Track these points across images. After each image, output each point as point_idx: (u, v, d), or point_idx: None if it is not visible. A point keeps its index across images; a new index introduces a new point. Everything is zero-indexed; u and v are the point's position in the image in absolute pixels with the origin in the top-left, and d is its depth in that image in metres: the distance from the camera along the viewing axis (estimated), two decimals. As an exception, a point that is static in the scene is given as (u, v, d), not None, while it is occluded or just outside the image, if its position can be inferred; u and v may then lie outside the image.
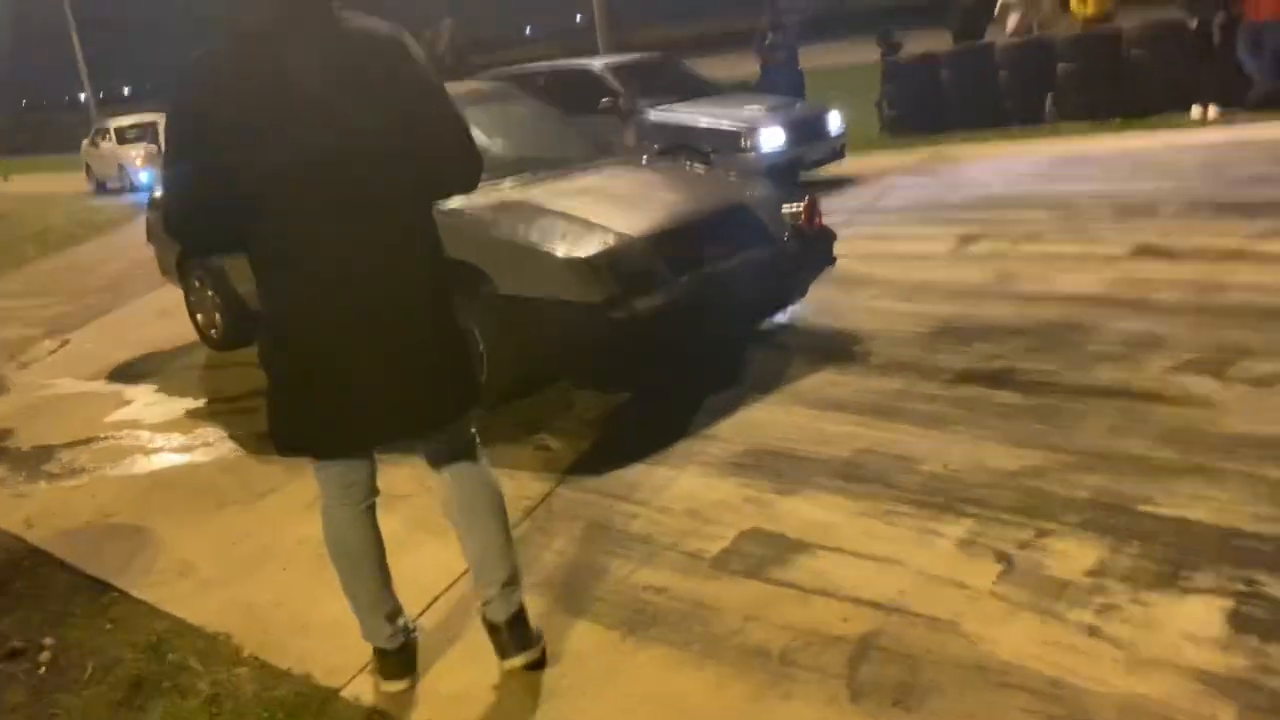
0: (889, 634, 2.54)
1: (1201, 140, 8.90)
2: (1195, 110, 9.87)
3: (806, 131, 9.42)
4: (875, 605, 2.66)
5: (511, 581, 2.52)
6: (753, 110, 9.40)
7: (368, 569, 2.53)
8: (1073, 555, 2.77)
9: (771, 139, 8.94)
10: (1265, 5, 9.33)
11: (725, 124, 9.02)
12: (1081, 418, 3.64)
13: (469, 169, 2.34)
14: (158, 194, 7.15)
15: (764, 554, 2.99)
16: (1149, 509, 2.96)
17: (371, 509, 2.52)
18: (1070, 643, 2.42)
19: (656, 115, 9.30)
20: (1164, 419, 3.55)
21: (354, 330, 2.24)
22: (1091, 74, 10.64)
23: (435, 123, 2.26)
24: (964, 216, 7.20)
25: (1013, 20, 11.60)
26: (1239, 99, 9.71)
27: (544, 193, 4.79)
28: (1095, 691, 2.23)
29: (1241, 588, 2.54)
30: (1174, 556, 2.70)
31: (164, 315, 7.52)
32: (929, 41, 12.94)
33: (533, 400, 4.48)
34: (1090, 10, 11.22)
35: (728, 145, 8.84)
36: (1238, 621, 2.41)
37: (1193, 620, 2.44)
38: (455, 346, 2.41)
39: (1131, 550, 2.76)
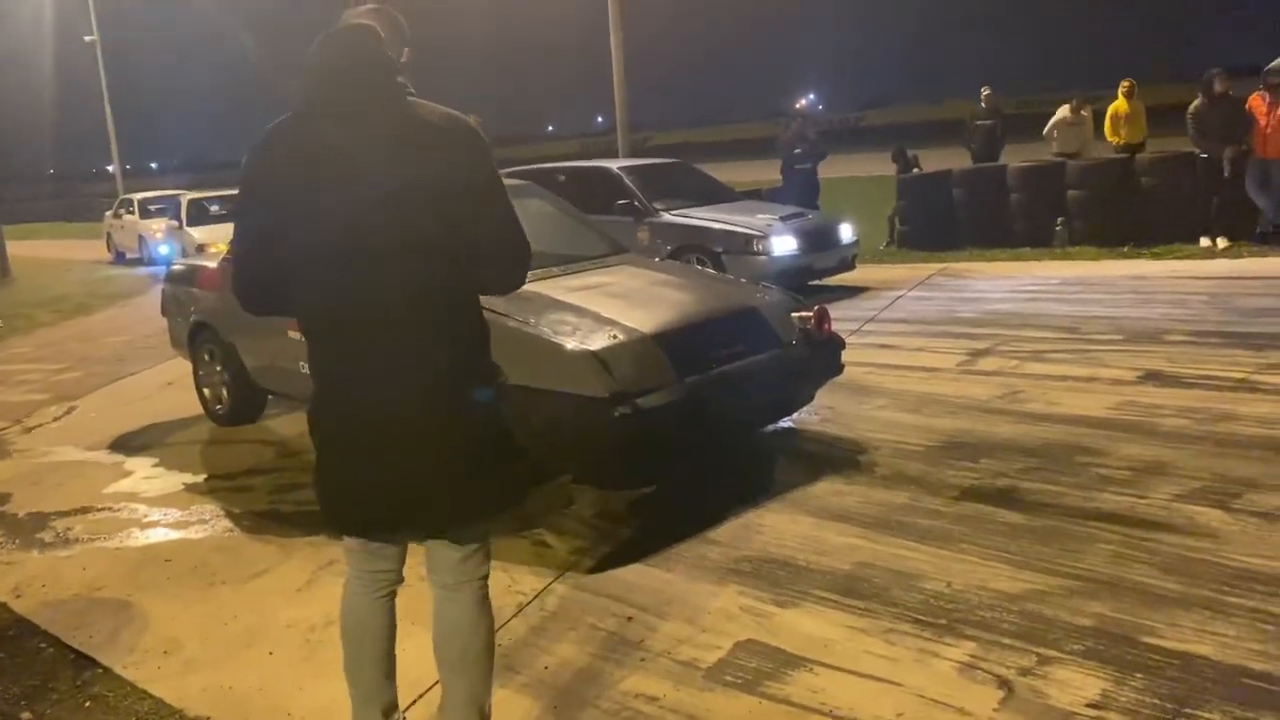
0: (885, 758, 2.47)
1: (1208, 271, 9.00)
2: (1204, 241, 10.01)
3: (818, 240, 9.57)
4: (871, 727, 2.59)
5: None
6: (766, 216, 9.57)
7: (372, 656, 2.46)
8: (1075, 685, 2.71)
9: (783, 245, 9.08)
10: (1273, 144, 9.54)
11: (738, 228, 9.18)
12: (1086, 542, 3.60)
13: (515, 274, 2.32)
14: (176, 267, 7.24)
15: (760, 667, 2.93)
16: (1153, 641, 2.91)
17: (391, 597, 2.47)
18: (1071, 779, 2.35)
19: (671, 217, 9.46)
20: (1169, 548, 3.50)
21: (374, 416, 2.22)
22: (1102, 200, 10.83)
23: (490, 223, 2.22)
24: (972, 332, 7.24)
25: (1056, 143, 11.93)
26: (1246, 232, 9.86)
27: (557, 286, 4.84)
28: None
29: (1247, 730, 2.47)
30: (1179, 693, 2.64)
31: (170, 387, 7.55)
32: (944, 160, 13.20)
33: (532, 495, 4.44)
34: (1123, 138, 11.53)
35: (740, 248, 8.98)
36: (1244, 765, 2.35)
37: (1197, 761, 2.37)
38: (485, 445, 2.30)
39: (1135, 684, 2.70)
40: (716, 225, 9.29)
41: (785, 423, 5.22)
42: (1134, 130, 11.90)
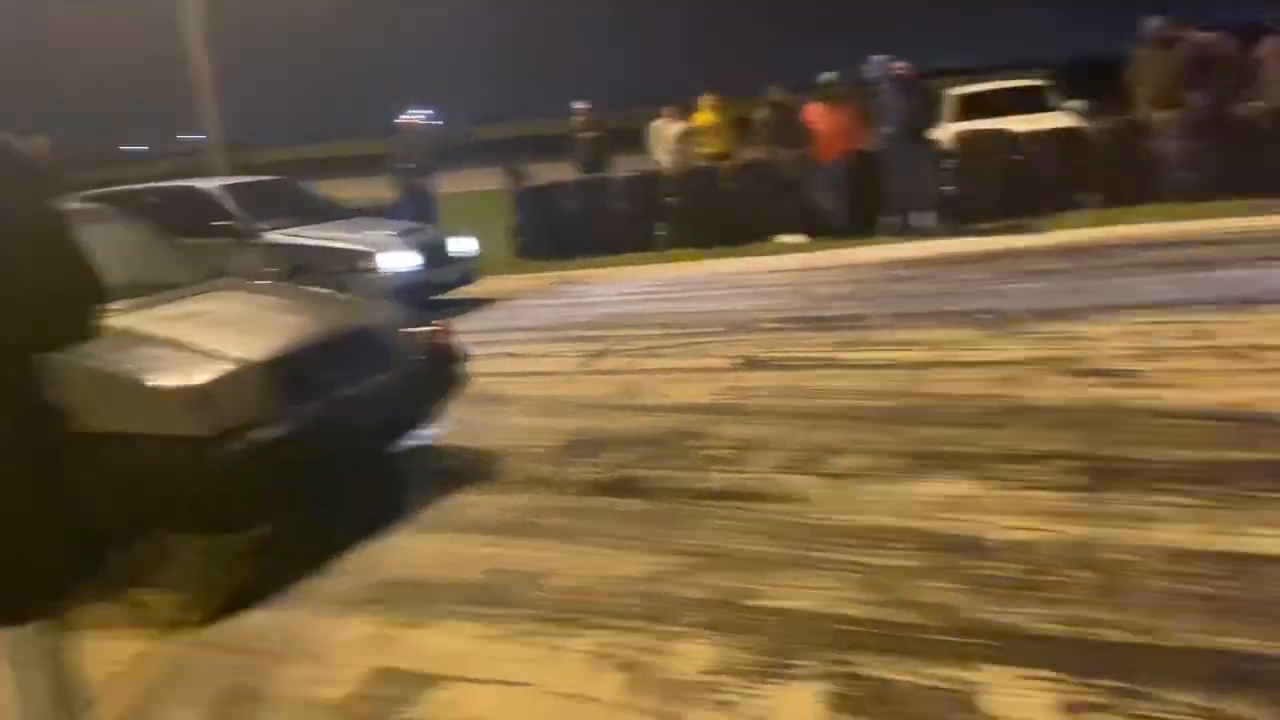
0: (521, 761, 2.48)
1: (789, 265, 10.02)
2: (782, 238, 11.15)
3: (437, 255, 9.50)
4: (507, 733, 2.60)
5: None
6: (381, 233, 9.37)
7: None
8: (691, 656, 2.88)
9: (401, 261, 8.92)
10: (830, 149, 10.82)
11: (353, 246, 8.90)
12: (698, 519, 3.86)
13: (84, 322, 2.04)
14: None
15: (391, 694, 2.84)
16: (757, 602, 3.16)
17: None
18: (693, 744, 2.49)
19: (276, 237, 8.98)
20: (768, 515, 3.84)
21: None
22: (695, 206, 11.74)
23: (45, 266, 1.95)
24: (590, 334, 7.55)
25: (667, 160, 12.45)
26: (819, 228, 11.10)
27: (144, 319, 4.40)
28: (717, 789, 2.30)
29: (838, 670, 2.75)
30: (781, 647, 2.88)
31: None
32: (558, 172, 13.67)
33: (128, 554, 4.02)
34: (711, 149, 12.45)
35: (356, 267, 8.70)
36: (836, 703, 2.60)
37: (799, 708, 2.60)
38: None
39: (743, 645, 2.91)
40: (329, 244, 8.93)
41: (412, 441, 5.13)
42: (720, 141, 12.92)
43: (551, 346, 7.34)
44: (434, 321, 4.94)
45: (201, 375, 3.90)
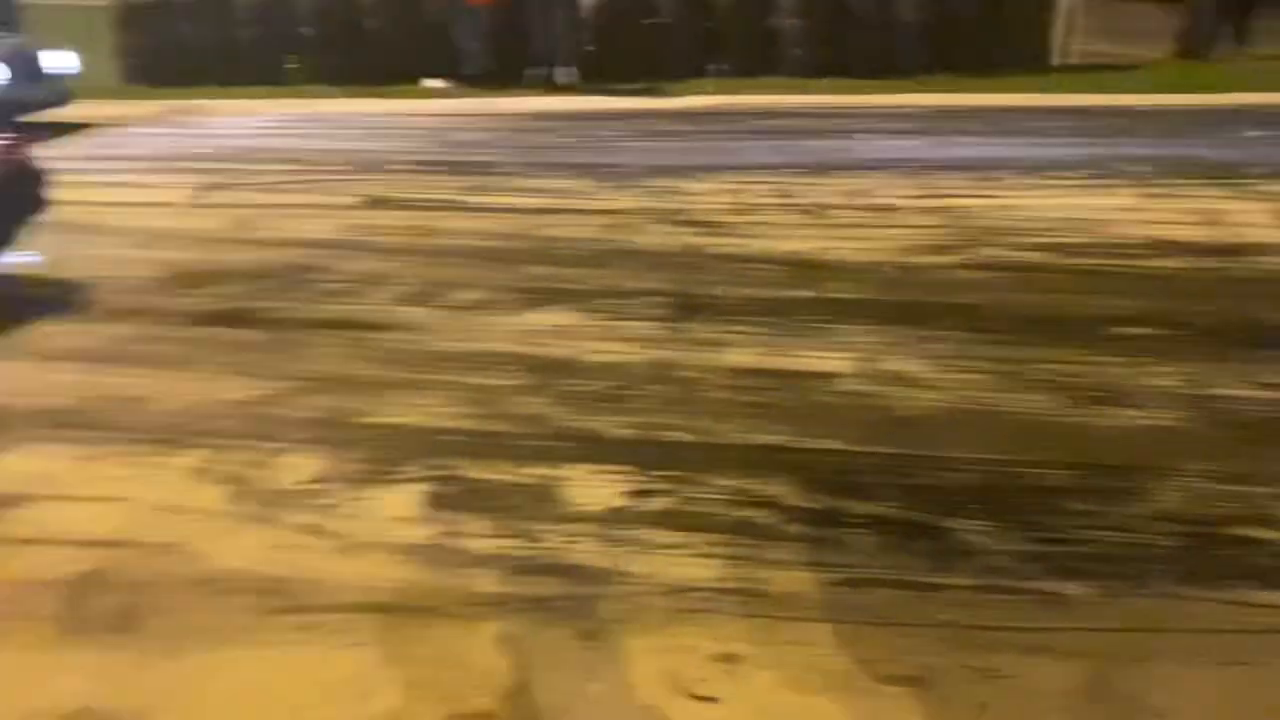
0: (114, 568, 2.49)
1: (431, 109, 9.89)
2: (425, 82, 10.92)
3: (25, 69, 8.39)
4: (100, 543, 2.58)
5: None
6: None
7: None
8: (299, 468, 2.98)
9: None
10: (475, -7, 10.66)
11: None
12: (313, 348, 3.90)
13: None
14: None
15: (-29, 514, 2.71)
16: (368, 420, 3.30)
17: None
18: (293, 543, 2.61)
19: None
20: (384, 344, 3.95)
21: None
22: (332, 39, 11.14)
23: None
24: (204, 167, 7.11)
25: None
26: (464, 75, 10.97)
27: None
28: (313, 579, 2.45)
29: (439, 474, 2.97)
30: (386, 456, 3.06)
31: None
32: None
33: None
34: None
35: None
36: (434, 501, 2.83)
37: (399, 506, 2.80)
38: None
39: (351, 456, 3.05)
40: None
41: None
42: None
43: (158, 178, 6.84)
44: (6, 136, 4.44)
45: None
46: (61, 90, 8.89)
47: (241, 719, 2.03)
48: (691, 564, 2.52)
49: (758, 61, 11.12)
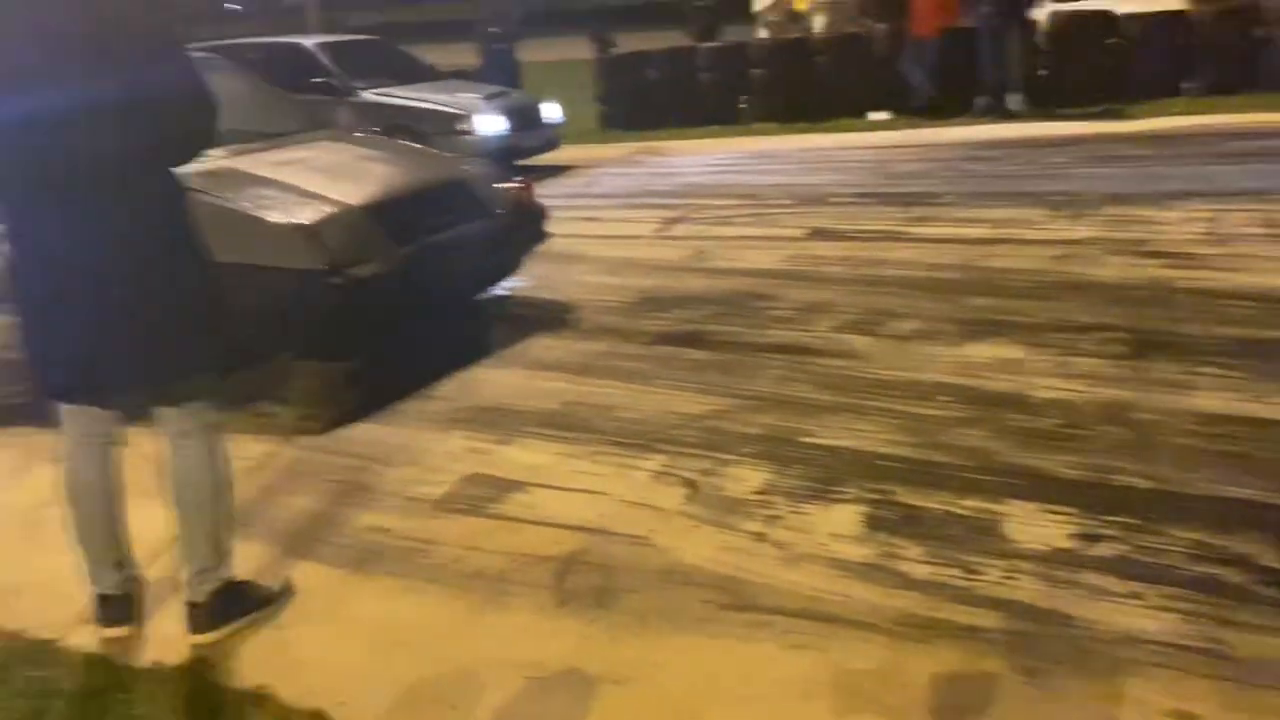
0: (592, 551, 2.87)
1: (869, 141, 10.04)
2: (871, 115, 11.08)
3: (524, 119, 9.70)
4: (580, 529, 2.99)
5: (205, 570, 2.54)
6: (471, 96, 9.59)
7: (98, 515, 2.54)
8: (746, 479, 3.23)
9: (490, 124, 9.14)
10: (925, 23, 10.63)
11: (444, 107, 9.14)
12: (758, 369, 4.17)
13: (200, 130, 2.38)
14: None
15: (482, 494, 3.25)
16: (808, 440, 3.48)
17: (110, 452, 2.54)
18: (741, 547, 2.85)
19: (372, 96, 9.28)
20: (825, 369, 4.13)
21: (72, 280, 2.29)
22: (780, 79, 11.67)
23: (170, 71, 2.28)
24: (666, 203, 7.78)
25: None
26: (909, 106, 10.99)
27: (257, 162, 4.77)
28: (759, 583, 2.66)
29: (877, 497, 3.07)
30: (826, 476, 3.21)
31: None
32: (645, 42, 13.66)
33: (252, 372, 4.48)
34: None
35: (446, 128, 8.97)
36: (872, 522, 2.93)
37: (838, 523, 2.94)
38: (182, 308, 2.41)
39: (793, 473, 3.25)
40: (422, 104, 9.18)
41: (496, 290, 5.49)
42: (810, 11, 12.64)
43: (628, 212, 7.60)
44: (518, 179, 5.22)
45: (311, 214, 4.27)
46: (552, 137, 10.16)
47: (698, 700, 2.26)
48: (1143, 615, 2.39)
49: (1237, 77, 9.97)
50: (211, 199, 4.30)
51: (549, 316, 5.10)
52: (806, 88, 11.56)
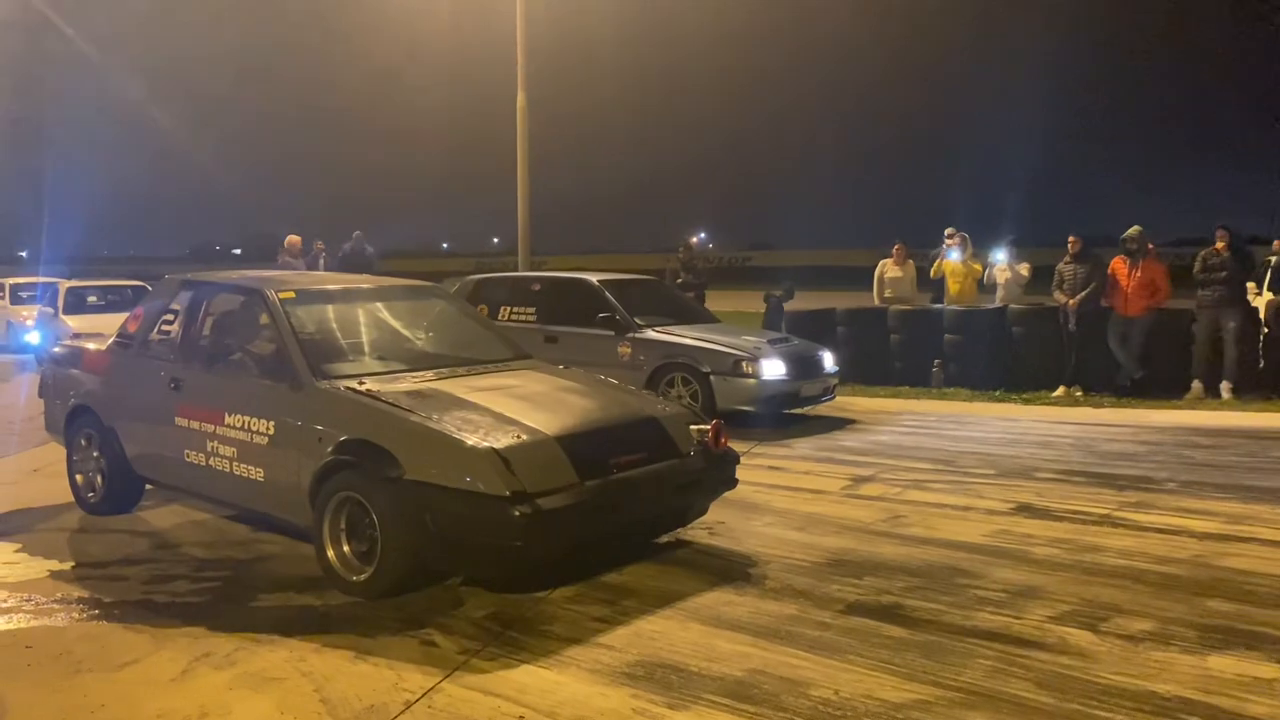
0: None
1: (1073, 417, 9.55)
2: (1060, 389, 10.64)
3: (805, 366, 9.36)
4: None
5: None
6: (753, 339, 9.47)
7: None
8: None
9: (773, 369, 8.89)
10: (1132, 303, 10.31)
11: (727, 349, 8.98)
12: (965, 657, 3.74)
13: None
14: (59, 349, 7.00)
15: (651, 766, 2.93)
16: (1029, 750, 3.02)
17: None
18: None
19: (654, 334, 9.32)
20: (1042, 665, 3.66)
21: None
22: (974, 346, 11.45)
23: None
24: (856, 460, 7.50)
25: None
26: (1099, 384, 10.51)
27: (460, 386, 4.89)
28: None
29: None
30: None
31: (36, 474, 7.20)
32: (828, 301, 13.81)
33: (420, 595, 4.38)
34: (954, 290, 12.15)
35: (728, 370, 8.82)
36: None
37: None
38: None
39: (1013, 789, 2.79)
40: (704, 345, 9.10)
41: (680, 532, 5.29)
42: (957, 286, 12.34)
43: (815, 466, 7.35)
44: (710, 421, 5.11)
45: (503, 439, 4.27)
46: (830, 385, 9.69)
47: None
48: None
49: None
50: (414, 417, 4.40)
51: (731, 568, 4.83)
52: (1000, 357, 11.28)
